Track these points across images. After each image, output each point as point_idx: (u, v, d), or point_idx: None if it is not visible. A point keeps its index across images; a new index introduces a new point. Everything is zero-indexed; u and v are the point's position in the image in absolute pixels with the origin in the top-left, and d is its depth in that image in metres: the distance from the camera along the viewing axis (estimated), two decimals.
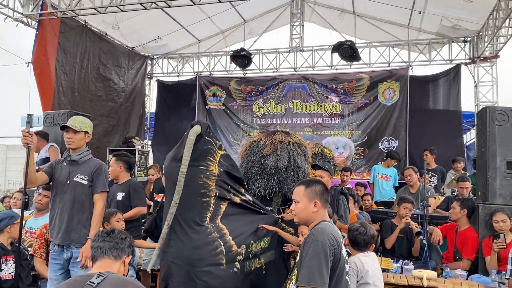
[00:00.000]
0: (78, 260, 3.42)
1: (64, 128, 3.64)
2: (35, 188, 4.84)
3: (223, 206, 3.36)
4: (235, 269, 3.25)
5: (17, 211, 4.31)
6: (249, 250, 3.42)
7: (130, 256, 2.42)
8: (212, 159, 3.28)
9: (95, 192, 3.60)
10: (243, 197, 3.56)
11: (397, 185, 8.00)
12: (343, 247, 2.53)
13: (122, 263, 2.36)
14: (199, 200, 3.20)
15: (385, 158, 8.43)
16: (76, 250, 3.50)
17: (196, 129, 3.24)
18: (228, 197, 3.39)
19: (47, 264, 3.97)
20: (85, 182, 3.59)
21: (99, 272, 2.17)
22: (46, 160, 5.50)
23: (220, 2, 7.17)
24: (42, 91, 8.21)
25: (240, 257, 3.31)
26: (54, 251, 3.60)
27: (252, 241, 3.47)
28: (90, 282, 2.10)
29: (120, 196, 4.65)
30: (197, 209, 3.18)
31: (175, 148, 3.35)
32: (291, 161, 4.35)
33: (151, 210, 5.15)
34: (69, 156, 3.65)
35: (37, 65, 8.11)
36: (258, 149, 4.45)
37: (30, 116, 3.57)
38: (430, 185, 7.11)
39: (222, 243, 3.19)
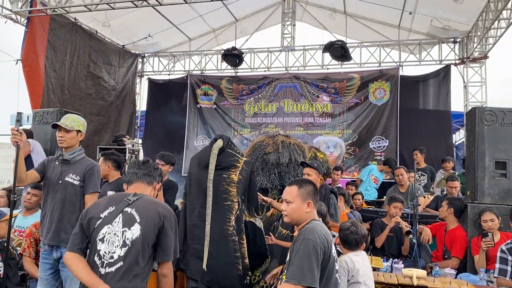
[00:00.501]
0: None
1: (56, 126, 3.60)
2: (23, 187, 4.79)
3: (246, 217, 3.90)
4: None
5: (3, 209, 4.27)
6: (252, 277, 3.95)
7: (160, 184, 2.78)
8: (233, 169, 3.81)
9: (86, 193, 3.56)
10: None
11: (377, 187, 8.21)
12: (333, 246, 2.54)
13: (153, 189, 2.70)
14: (222, 204, 3.71)
15: (382, 163, 8.49)
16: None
17: (219, 143, 3.83)
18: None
19: (36, 264, 3.95)
20: (76, 182, 3.55)
21: (135, 193, 2.56)
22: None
23: (211, 0, 7.16)
24: (31, 89, 8.11)
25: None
26: (44, 251, 3.57)
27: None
28: (127, 199, 2.49)
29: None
30: (222, 211, 3.71)
31: (198, 156, 4.01)
32: (292, 159, 4.87)
33: None
34: (61, 156, 3.61)
35: (26, 62, 8.01)
36: (261, 148, 4.97)
37: (19, 114, 3.54)
38: (419, 184, 7.18)
39: (239, 248, 3.71)
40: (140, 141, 12.00)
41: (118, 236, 2.36)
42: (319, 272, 2.36)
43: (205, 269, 3.52)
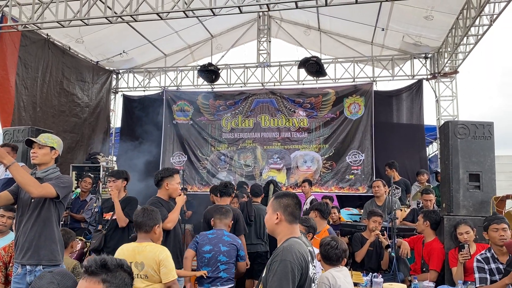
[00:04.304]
0: None
1: (30, 142, 3.50)
2: None
3: None
4: None
5: None
6: None
7: (233, 193, 5.66)
8: None
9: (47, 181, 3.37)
10: None
11: None
12: (311, 265, 2.49)
13: (231, 197, 5.49)
14: None
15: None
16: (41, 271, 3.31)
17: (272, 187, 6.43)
18: None
19: None
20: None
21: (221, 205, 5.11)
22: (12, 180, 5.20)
23: (187, 17, 7.13)
24: (1, 107, 7.90)
25: None
26: (17, 274, 3.40)
27: None
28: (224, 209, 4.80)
29: None
30: None
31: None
32: None
33: (99, 228, 4.98)
34: (34, 174, 3.49)
35: None
36: None
37: None
38: (394, 198, 7.25)
39: None
40: (115, 158, 11.77)
41: None
42: None
43: None
